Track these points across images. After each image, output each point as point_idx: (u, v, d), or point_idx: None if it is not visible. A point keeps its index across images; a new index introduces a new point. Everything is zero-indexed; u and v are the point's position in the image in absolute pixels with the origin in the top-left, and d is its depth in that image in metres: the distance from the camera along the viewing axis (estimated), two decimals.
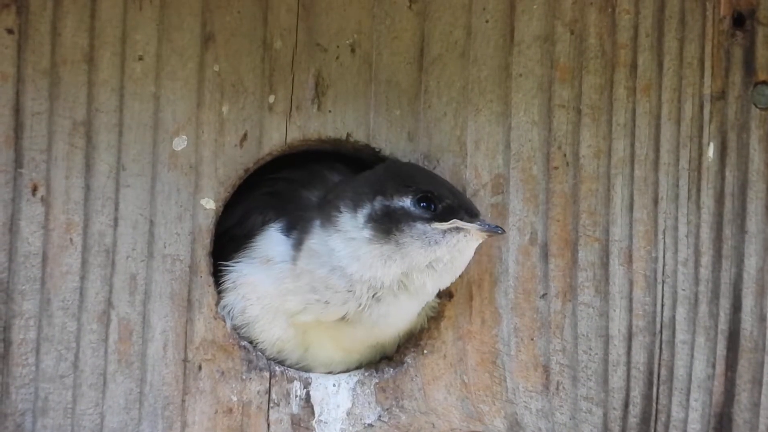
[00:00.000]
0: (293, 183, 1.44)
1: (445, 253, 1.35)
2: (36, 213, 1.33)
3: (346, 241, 1.36)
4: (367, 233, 1.36)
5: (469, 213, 1.35)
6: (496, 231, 1.35)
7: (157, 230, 1.36)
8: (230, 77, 1.38)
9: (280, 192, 1.44)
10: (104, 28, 1.35)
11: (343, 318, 1.37)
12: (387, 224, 1.36)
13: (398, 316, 1.38)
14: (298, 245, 1.38)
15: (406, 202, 1.36)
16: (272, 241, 1.40)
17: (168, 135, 1.37)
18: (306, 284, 1.37)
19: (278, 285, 1.38)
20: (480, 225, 1.35)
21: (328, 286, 1.36)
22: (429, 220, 1.35)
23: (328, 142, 1.41)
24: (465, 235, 1.35)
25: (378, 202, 1.36)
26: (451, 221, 1.34)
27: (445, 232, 1.34)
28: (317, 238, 1.38)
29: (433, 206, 1.35)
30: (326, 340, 1.41)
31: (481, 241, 1.36)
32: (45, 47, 1.34)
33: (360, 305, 1.36)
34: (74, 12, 1.34)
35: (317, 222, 1.38)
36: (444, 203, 1.35)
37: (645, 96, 1.44)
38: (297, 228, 1.39)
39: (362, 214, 1.36)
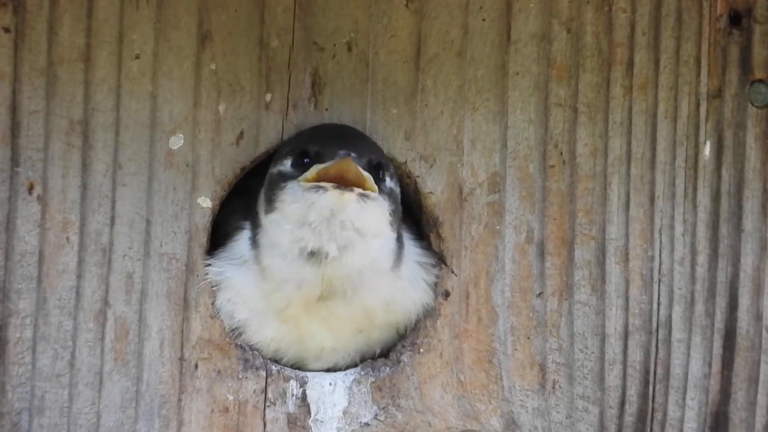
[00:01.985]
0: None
1: (316, 201, 1.30)
2: (32, 212, 1.33)
3: (264, 219, 1.37)
4: (265, 206, 1.36)
5: (331, 155, 1.30)
6: (346, 158, 1.29)
7: (154, 229, 1.36)
8: (227, 76, 1.38)
9: (250, 188, 1.43)
10: (101, 27, 1.35)
11: (321, 296, 1.37)
12: (270, 192, 1.35)
13: (361, 277, 1.37)
14: (255, 244, 1.38)
15: (286, 164, 1.35)
16: (244, 241, 1.39)
17: (165, 134, 1.37)
18: (277, 279, 1.37)
19: (259, 286, 1.38)
20: (334, 161, 1.29)
21: (292, 272, 1.35)
22: (297, 176, 1.32)
23: None
24: (325, 190, 1.30)
25: (268, 174, 1.36)
26: (311, 169, 1.30)
27: (305, 183, 1.31)
28: (261, 230, 1.37)
29: (306, 161, 1.33)
30: (316, 327, 1.40)
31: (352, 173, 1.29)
32: (42, 46, 1.34)
33: (321, 275, 1.35)
34: (71, 11, 1.35)
35: (257, 212, 1.39)
36: (311, 154, 1.33)
37: (641, 94, 1.44)
38: (255, 230, 1.39)
39: (263, 191, 1.37)
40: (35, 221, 1.33)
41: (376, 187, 1.32)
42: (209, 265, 1.38)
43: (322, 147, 1.33)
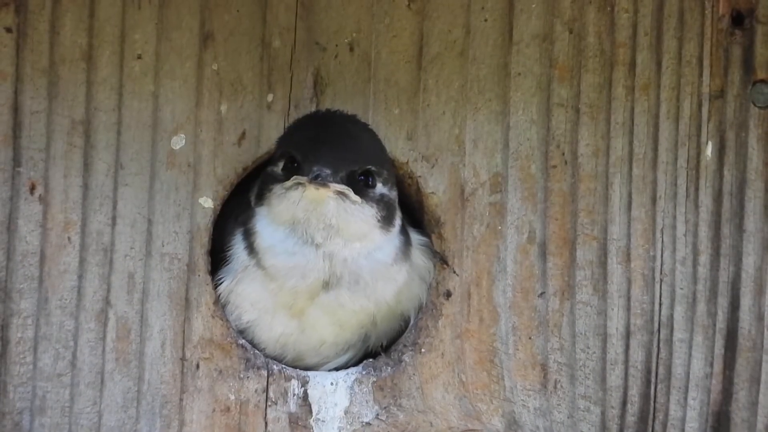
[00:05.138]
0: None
1: (293, 208, 1.35)
2: (34, 212, 1.33)
3: (255, 210, 1.40)
4: (255, 200, 1.40)
5: (308, 167, 1.33)
6: (315, 180, 1.31)
7: (156, 229, 1.36)
8: (229, 76, 1.39)
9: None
10: (103, 27, 1.35)
11: (325, 284, 1.38)
12: (261, 189, 1.39)
13: (359, 268, 1.39)
14: (251, 250, 1.40)
15: (279, 165, 1.38)
16: (239, 246, 1.41)
17: (166, 134, 1.37)
18: (282, 274, 1.38)
19: (265, 287, 1.39)
20: (309, 178, 1.32)
21: (296, 259, 1.37)
22: (283, 180, 1.36)
23: None
24: (303, 190, 1.33)
25: (264, 173, 1.39)
26: (292, 178, 1.34)
27: (287, 189, 1.34)
28: (257, 234, 1.39)
29: (292, 166, 1.36)
30: (323, 320, 1.41)
31: (321, 193, 1.33)
32: (44, 46, 1.34)
33: (321, 257, 1.37)
34: (73, 11, 1.35)
35: (253, 212, 1.41)
36: (296, 162, 1.35)
37: (644, 95, 1.44)
38: (249, 228, 1.41)
39: (256, 183, 1.40)
40: (37, 221, 1.33)
41: (357, 197, 1.35)
42: (221, 282, 1.40)
43: (303, 157, 1.35)
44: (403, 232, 1.43)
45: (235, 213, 1.42)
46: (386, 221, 1.39)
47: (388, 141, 1.41)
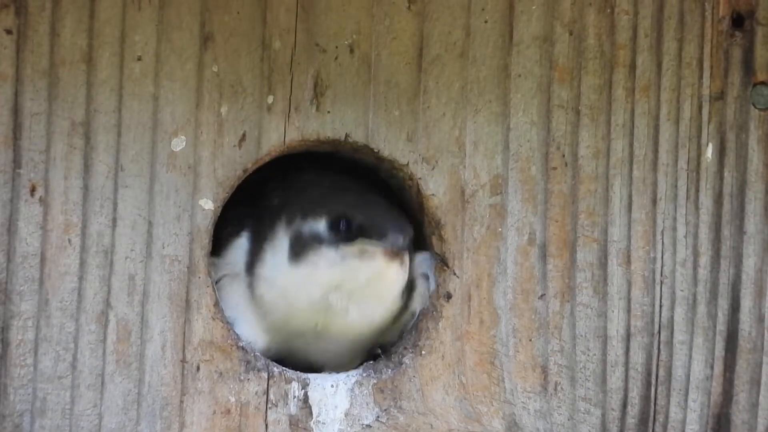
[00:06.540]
0: (271, 190, 1.45)
1: (352, 274, 1.35)
2: (34, 213, 1.33)
3: (277, 260, 1.39)
4: (288, 254, 1.38)
5: (379, 233, 1.34)
6: (395, 249, 1.32)
7: (156, 231, 1.36)
8: (229, 77, 1.38)
9: (258, 198, 1.44)
10: (103, 29, 1.35)
11: (315, 326, 1.39)
12: (301, 247, 1.37)
13: (358, 321, 1.40)
14: (250, 270, 1.40)
15: (321, 224, 1.37)
16: (237, 256, 1.41)
17: (167, 135, 1.37)
18: (268, 305, 1.39)
19: (248, 303, 1.40)
20: (384, 245, 1.33)
21: (284, 306, 1.38)
22: (337, 243, 1.35)
23: (327, 142, 1.41)
24: (370, 257, 1.34)
25: (297, 225, 1.38)
26: (356, 241, 1.34)
27: (346, 254, 1.35)
28: (262, 262, 1.40)
29: (344, 227, 1.36)
30: (311, 347, 1.43)
31: (393, 262, 1.34)
32: (44, 47, 1.34)
33: (322, 317, 1.38)
34: (73, 12, 1.34)
35: (264, 241, 1.40)
36: (355, 224, 1.35)
37: (644, 96, 1.44)
38: (255, 246, 1.41)
39: (287, 236, 1.39)
40: (37, 223, 1.33)
41: (407, 259, 1.37)
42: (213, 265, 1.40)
43: (369, 220, 1.35)
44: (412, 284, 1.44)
45: (242, 219, 1.42)
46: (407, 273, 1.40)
47: (388, 143, 1.41)
